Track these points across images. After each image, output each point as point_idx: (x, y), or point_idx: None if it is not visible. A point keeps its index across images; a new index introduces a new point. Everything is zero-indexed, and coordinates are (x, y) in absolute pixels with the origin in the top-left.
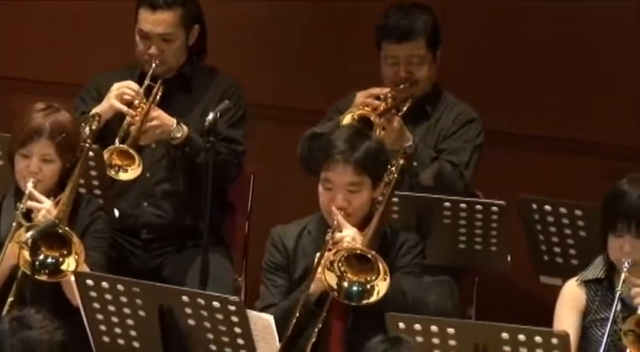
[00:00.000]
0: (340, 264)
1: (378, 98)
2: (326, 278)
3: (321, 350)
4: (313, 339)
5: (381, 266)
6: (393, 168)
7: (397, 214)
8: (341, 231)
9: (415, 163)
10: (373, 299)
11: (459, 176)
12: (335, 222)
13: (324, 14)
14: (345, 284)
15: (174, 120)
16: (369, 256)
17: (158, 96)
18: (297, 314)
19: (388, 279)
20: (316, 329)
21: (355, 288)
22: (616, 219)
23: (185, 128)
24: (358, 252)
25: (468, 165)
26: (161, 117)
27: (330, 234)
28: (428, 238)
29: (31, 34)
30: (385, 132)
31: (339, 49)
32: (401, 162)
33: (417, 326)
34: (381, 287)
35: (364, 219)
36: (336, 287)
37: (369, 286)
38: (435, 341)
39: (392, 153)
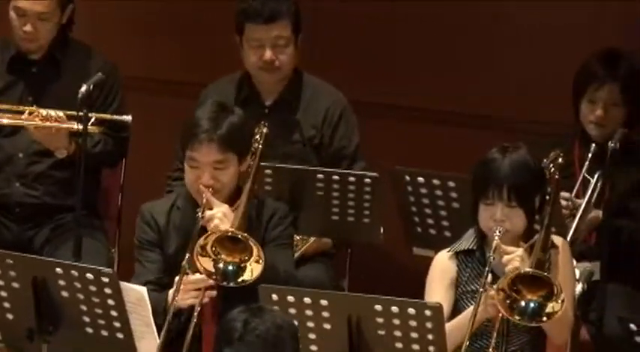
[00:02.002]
0: (213, 247)
1: None
2: (201, 264)
3: (195, 325)
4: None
5: (254, 246)
6: (257, 137)
7: (270, 186)
8: (211, 209)
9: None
10: (248, 278)
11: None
12: (204, 200)
13: None
14: (221, 265)
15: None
16: (240, 237)
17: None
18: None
19: (262, 261)
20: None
21: (231, 268)
22: (487, 186)
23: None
24: (229, 234)
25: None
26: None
27: (199, 212)
28: (301, 210)
29: None
30: None
31: (206, 21)
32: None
33: (290, 298)
34: (254, 268)
35: (233, 193)
36: (213, 270)
37: (243, 265)
38: (309, 312)
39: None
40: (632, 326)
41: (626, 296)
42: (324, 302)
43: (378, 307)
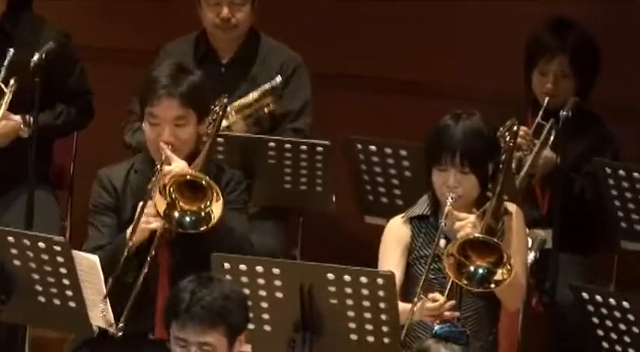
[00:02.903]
0: (172, 192)
1: None
2: (156, 203)
3: (150, 289)
4: (141, 278)
5: (214, 189)
6: (216, 108)
7: (222, 155)
8: (170, 165)
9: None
10: (210, 223)
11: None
12: (163, 157)
13: None
14: (176, 213)
15: (18, 121)
16: (203, 182)
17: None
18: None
19: (221, 200)
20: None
21: (188, 218)
22: (440, 152)
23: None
24: (190, 177)
25: (304, 110)
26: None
27: (158, 166)
28: (253, 178)
29: None
30: None
31: None
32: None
33: (243, 267)
34: (215, 209)
35: (191, 156)
36: (167, 213)
37: (203, 214)
38: (261, 281)
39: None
40: (585, 295)
41: (579, 265)
42: (276, 271)
43: (330, 275)
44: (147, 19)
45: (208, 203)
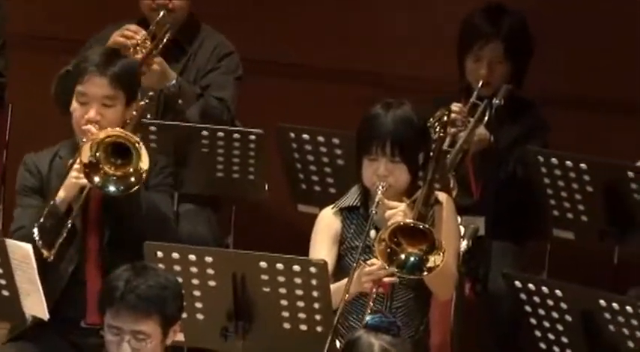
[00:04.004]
0: (99, 149)
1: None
2: (82, 153)
3: (79, 271)
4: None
5: (142, 151)
6: (145, 97)
7: (155, 143)
8: None
9: (180, 101)
10: (133, 183)
11: (226, 110)
12: (89, 134)
13: None
14: (98, 178)
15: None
16: (130, 145)
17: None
18: (48, 225)
19: (147, 157)
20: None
21: (114, 187)
22: (370, 142)
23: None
24: (120, 141)
25: (233, 99)
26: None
27: (81, 142)
28: (186, 167)
29: None
30: (147, 76)
31: None
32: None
33: (175, 255)
34: (142, 162)
35: None
36: (87, 171)
37: (129, 175)
38: (194, 270)
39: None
40: (517, 283)
41: (511, 253)
42: (208, 259)
43: (263, 264)
44: (88, 8)
45: (132, 168)
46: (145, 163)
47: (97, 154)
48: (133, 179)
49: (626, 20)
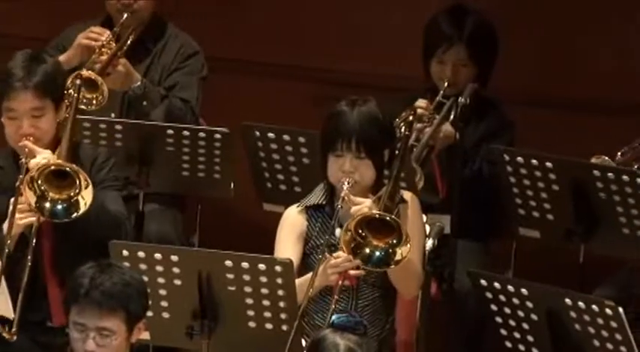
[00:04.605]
0: (40, 184)
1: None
2: (27, 198)
3: (39, 278)
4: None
5: (82, 176)
6: (71, 91)
7: (120, 142)
8: (34, 157)
9: (145, 103)
10: (82, 211)
11: (190, 112)
12: (26, 150)
13: None
14: (47, 204)
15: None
16: (68, 169)
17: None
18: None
19: (90, 186)
20: (29, 257)
21: (60, 206)
22: (336, 138)
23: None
24: (55, 167)
25: (198, 99)
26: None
27: (23, 160)
28: (151, 166)
29: None
30: (112, 77)
31: None
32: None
33: (141, 254)
34: (85, 195)
35: (53, 142)
36: (39, 206)
37: (73, 200)
38: (159, 268)
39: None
40: (483, 281)
41: (477, 252)
42: (174, 258)
43: (229, 263)
44: (51, 8)
45: (77, 190)
46: (87, 193)
47: (40, 186)
48: (78, 202)
49: (590, 19)
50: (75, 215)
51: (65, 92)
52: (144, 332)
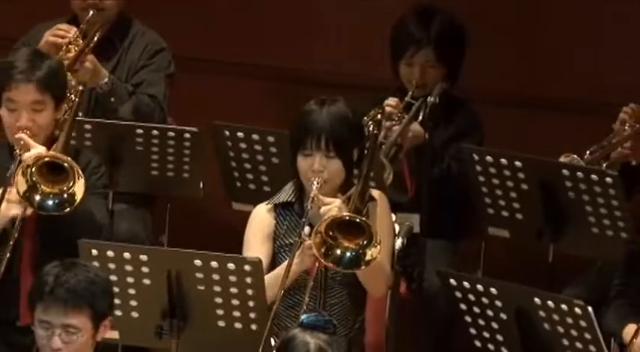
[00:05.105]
0: (33, 174)
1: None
2: (17, 187)
3: (14, 275)
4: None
5: (75, 169)
6: (72, 95)
7: (89, 141)
8: (29, 151)
9: (113, 99)
10: (71, 207)
11: (158, 108)
12: (22, 143)
13: None
14: (37, 196)
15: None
16: (64, 163)
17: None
18: None
19: (82, 181)
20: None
21: (50, 201)
22: (305, 137)
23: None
24: (50, 159)
25: (165, 95)
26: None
27: (17, 151)
28: (121, 165)
29: None
30: (79, 73)
31: None
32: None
33: (110, 253)
34: (77, 189)
35: (49, 141)
36: (28, 196)
37: (65, 195)
38: (128, 268)
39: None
40: (452, 281)
41: (446, 251)
42: (143, 258)
43: (198, 262)
44: (17, 7)
45: (70, 184)
46: (79, 188)
47: (33, 177)
48: (71, 196)
49: (563, 19)
50: (66, 210)
51: (67, 94)
52: (113, 332)
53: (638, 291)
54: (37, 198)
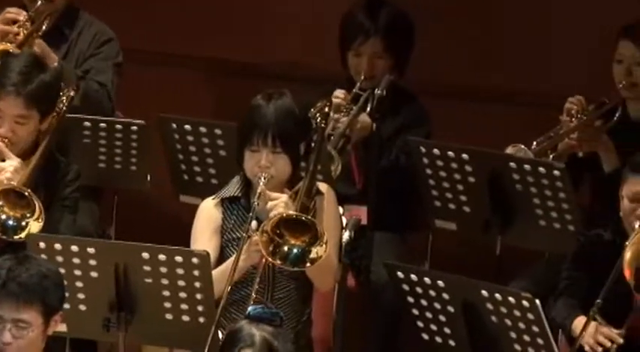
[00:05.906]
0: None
1: (15, 22)
2: None
3: None
4: None
5: (37, 204)
6: (63, 100)
7: None
8: (4, 160)
9: (62, 84)
10: (25, 234)
11: (106, 96)
12: None
13: None
14: (3, 216)
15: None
16: (26, 193)
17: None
18: None
19: (42, 221)
20: None
21: (11, 223)
22: (252, 132)
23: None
24: (16, 189)
25: (113, 84)
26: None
27: None
28: (68, 157)
29: None
30: None
31: None
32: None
33: (58, 246)
34: (33, 226)
35: (28, 149)
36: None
37: (23, 223)
38: (76, 261)
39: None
40: (399, 273)
41: (394, 243)
42: (91, 250)
43: (145, 255)
44: None
45: (29, 215)
46: (36, 227)
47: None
48: (26, 226)
49: (511, 10)
50: (17, 237)
51: (55, 107)
52: (60, 325)
53: (586, 284)
54: (2, 217)
